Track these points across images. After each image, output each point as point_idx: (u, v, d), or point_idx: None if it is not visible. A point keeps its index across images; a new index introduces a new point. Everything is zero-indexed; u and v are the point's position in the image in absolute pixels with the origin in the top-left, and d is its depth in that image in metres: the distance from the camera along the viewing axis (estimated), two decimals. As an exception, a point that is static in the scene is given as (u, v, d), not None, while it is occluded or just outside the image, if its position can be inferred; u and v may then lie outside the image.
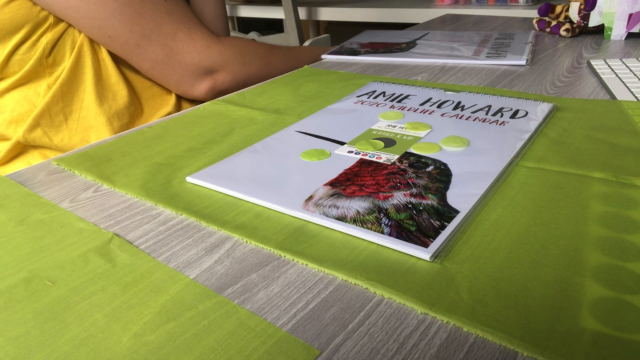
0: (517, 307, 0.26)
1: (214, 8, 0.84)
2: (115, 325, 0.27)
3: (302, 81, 0.70)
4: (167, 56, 0.68)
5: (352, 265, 0.30)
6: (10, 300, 0.29)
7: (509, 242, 0.31)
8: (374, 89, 0.63)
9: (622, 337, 0.24)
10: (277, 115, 0.57)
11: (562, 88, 0.62)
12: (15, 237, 0.36)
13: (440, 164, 0.41)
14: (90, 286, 0.30)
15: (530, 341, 0.24)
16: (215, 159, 0.46)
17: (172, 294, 0.29)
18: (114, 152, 0.50)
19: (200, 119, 0.58)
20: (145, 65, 0.69)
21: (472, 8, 1.46)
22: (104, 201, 0.40)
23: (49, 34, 0.63)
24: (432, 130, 0.49)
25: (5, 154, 0.67)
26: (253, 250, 0.33)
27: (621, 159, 0.41)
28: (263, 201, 0.37)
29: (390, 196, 0.37)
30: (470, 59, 0.75)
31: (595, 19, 0.85)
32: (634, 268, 0.28)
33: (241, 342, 0.25)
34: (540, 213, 0.34)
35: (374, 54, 0.82)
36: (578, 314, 0.25)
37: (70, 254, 0.33)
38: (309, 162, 0.43)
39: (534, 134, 0.47)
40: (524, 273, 0.29)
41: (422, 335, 0.25)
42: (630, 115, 0.51)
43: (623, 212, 0.34)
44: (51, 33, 0.63)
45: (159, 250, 0.33)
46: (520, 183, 0.38)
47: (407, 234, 0.32)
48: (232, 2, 1.98)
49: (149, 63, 0.68)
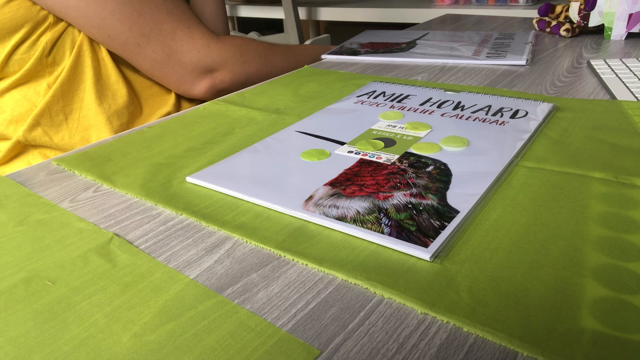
0: (517, 307, 0.26)
1: (213, 8, 0.84)
2: (115, 325, 0.27)
3: (302, 81, 0.70)
4: (167, 55, 0.68)
5: (352, 265, 0.30)
6: (10, 300, 0.29)
7: (509, 242, 0.31)
8: (374, 89, 0.63)
9: (622, 337, 0.24)
10: (277, 115, 0.57)
11: (562, 88, 0.62)
12: (15, 237, 0.36)
13: (440, 164, 0.41)
14: (90, 286, 0.30)
15: (530, 341, 0.24)
16: (215, 159, 0.46)
17: (172, 294, 0.29)
18: (114, 152, 0.50)
19: (200, 119, 0.58)
20: (145, 64, 0.69)
21: (472, 8, 1.46)
22: (104, 201, 0.40)
23: (49, 33, 0.63)
24: (432, 130, 0.49)
25: (5, 153, 0.67)
26: (253, 250, 0.33)
27: (621, 159, 0.41)
28: (263, 201, 0.37)
29: (390, 196, 0.37)
30: (470, 59, 0.75)
31: (595, 19, 0.85)
32: (634, 268, 0.28)
33: (241, 342, 0.25)
34: (540, 213, 0.34)
35: (374, 54, 0.82)
36: (578, 314, 0.25)
37: (70, 254, 0.33)
38: (309, 162, 0.43)
39: (534, 134, 0.47)
40: (524, 273, 0.29)
41: (422, 335, 0.25)
42: (630, 115, 0.51)
43: (623, 212, 0.34)
44: (51, 32, 0.63)
45: (159, 250, 0.33)
46: (520, 183, 0.38)
47: (407, 234, 0.32)
48: (232, 2, 1.98)
49: (149, 62, 0.68)
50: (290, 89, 0.67)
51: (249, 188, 0.39)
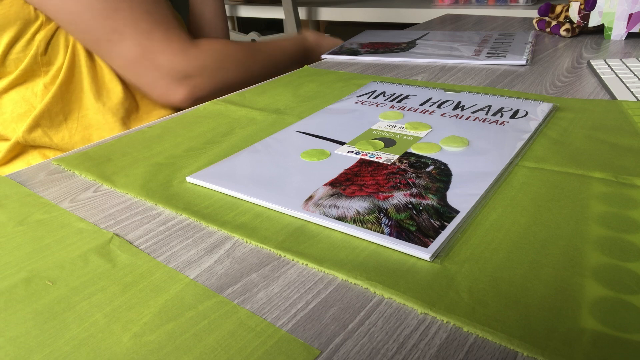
0: (517, 307, 0.26)
1: (213, 8, 0.84)
2: (115, 325, 0.27)
3: (302, 81, 0.70)
4: (141, 54, 0.66)
5: (352, 265, 0.30)
6: (10, 300, 0.29)
7: (509, 242, 0.31)
8: (374, 89, 0.63)
9: (622, 337, 0.24)
10: (277, 115, 0.57)
11: (562, 88, 0.62)
12: (15, 237, 0.36)
13: (440, 164, 0.41)
14: (90, 286, 0.30)
15: (530, 341, 0.24)
16: (215, 159, 0.46)
17: (172, 294, 0.29)
18: (114, 152, 0.50)
19: (200, 119, 0.58)
20: (117, 62, 0.66)
21: (472, 8, 1.46)
22: (104, 201, 0.40)
23: (43, 31, 0.63)
24: (432, 130, 0.49)
25: (5, 154, 0.67)
26: (253, 250, 0.33)
27: (621, 159, 0.41)
28: (263, 201, 0.37)
29: (390, 196, 0.37)
30: (470, 59, 0.75)
31: (595, 19, 0.85)
32: (634, 268, 0.28)
33: (241, 342, 0.25)
34: (540, 213, 0.34)
35: (373, 54, 0.82)
36: (578, 314, 0.25)
37: (70, 254, 0.33)
38: (309, 162, 0.43)
39: (534, 134, 0.47)
40: (524, 273, 0.29)
41: (422, 335, 0.25)
42: (630, 115, 0.51)
43: (623, 212, 0.34)
44: (44, 31, 0.63)
45: (159, 250, 0.33)
46: (520, 183, 0.38)
47: (407, 234, 0.32)
48: (232, 2, 1.98)
49: (121, 60, 0.66)
50: (290, 89, 0.67)
51: (249, 188, 0.39)
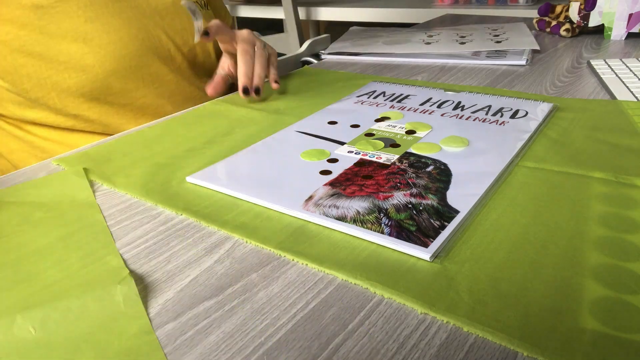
0: (517, 307, 0.26)
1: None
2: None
3: (302, 81, 0.70)
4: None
5: (352, 265, 0.30)
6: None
7: (509, 242, 0.31)
8: (374, 89, 0.63)
9: (622, 337, 0.24)
10: (277, 115, 0.57)
11: (562, 88, 0.62)
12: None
13: (440, 164, 0.41)
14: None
15: (530, 341, 0.24)
16: (215, 159, 0.46)
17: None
18: (114, 152, 0.50)
19: (200, 119, 0.58)
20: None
21: (472, 8, 1.46)
22: (104, 201, 0.40)
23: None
24: (432, 130, 0.49)
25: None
26: (253, 250, 0.33)
27: (621, 159, 0.41)
28: (263, 201, 0.37)
29: (390, 196, 0.37)
30: (470, 59, 0.75)
31: (595, 19, 0.85)
32: (634, 268, 0.28)
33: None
34: (540, 213, 0.34)
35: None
36: (578, 314, 0.25)
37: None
38: (309, 162, 0.43)
39: (534, 134, 0.47)
40: (524, 273, 0.29)
41: (422, 335, 0.25)
42: (630, 115, 0.51)
43: (623, 212, 0.34)
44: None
45: (159, 250, 0.33)
46: (520, 183, 0.38)
47: (407, 234, 0.32)
48: (232, 2, 1.98)
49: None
50: (291, 89, 0.67)
51: (249, 188, 0.39)
